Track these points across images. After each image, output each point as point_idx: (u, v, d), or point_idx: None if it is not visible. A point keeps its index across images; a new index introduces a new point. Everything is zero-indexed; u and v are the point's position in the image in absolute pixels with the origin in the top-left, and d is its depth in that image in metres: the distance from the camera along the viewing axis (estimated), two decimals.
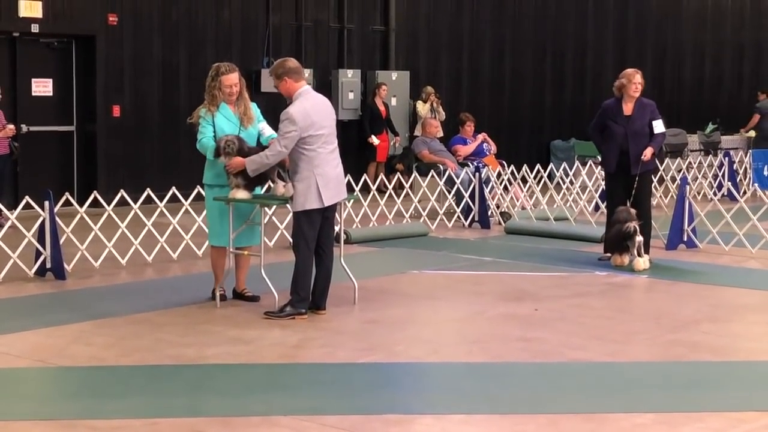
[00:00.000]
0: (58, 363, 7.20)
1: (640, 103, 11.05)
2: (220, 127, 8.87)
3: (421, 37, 19.81)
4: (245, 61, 17.27)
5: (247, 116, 8.96)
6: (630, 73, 11.08)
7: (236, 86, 8.94)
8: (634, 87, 10.97)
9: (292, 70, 8.54)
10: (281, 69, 8.52)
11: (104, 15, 15.70)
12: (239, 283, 9.22)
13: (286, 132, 8.31)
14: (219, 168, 8.84)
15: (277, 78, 8.51)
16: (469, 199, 14.29)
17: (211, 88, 8.94)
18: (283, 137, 8.34)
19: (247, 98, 9.04)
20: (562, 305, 9.19)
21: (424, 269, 10.98)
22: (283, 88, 8.53)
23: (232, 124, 8.92)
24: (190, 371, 7.07)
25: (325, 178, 8.44)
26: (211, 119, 8.90)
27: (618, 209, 10.91)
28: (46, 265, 10.19)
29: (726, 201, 15.25)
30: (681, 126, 21.46)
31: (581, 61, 22.33)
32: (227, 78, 8.91)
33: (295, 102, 8.45)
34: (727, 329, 8.50)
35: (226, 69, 8.99)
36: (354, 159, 18.32)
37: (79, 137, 15.89)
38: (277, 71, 8.52)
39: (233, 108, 8.99)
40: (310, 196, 8.38)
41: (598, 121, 11.20)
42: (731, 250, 12.03)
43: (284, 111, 8.39)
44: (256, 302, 9.02)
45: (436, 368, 7.29)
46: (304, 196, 8.39)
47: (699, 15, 24.55)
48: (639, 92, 11.01)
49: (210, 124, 8.89)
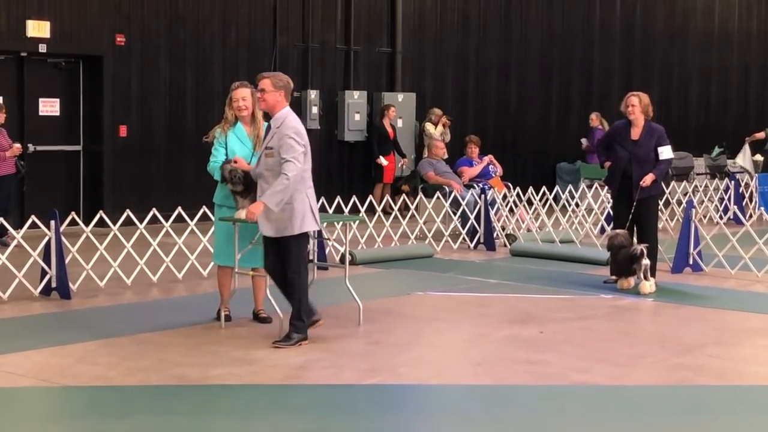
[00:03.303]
0: (62, 383, 7.20)
1: (649, 128, 11.04)
2: (232, 148, 8.85)
3: (427, 59, 19.86)
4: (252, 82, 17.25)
5: (259, 138, 8.89)
6: (627, 95, 11.14)
7: (245, 101, 8.92)
8: (627, 109, 10.99)
9: (289, 87, 8.37)
10: (283, 81, 8.32)
11: (112, 35, 15.76)
12: (257, 304, 9.21)
13: (297, 147, 8.09)
14: (223, 192, 8.88)
15: (275, 87, 8.24)
16: (474, 220, 14.29)
17: (225, 105, 9.03)
18: (296, 154, 8.06)
19: (260, 119, 8.98)
20: (568, 328, 9.17)
21: (429, 291, 10.97)
22: (273, 100, 8.24)
23: (245, 146, 8.89)
24: (194, 392, 7.06)
25: (313, 199, 8.34)
26: (224, 140, 8.91)
27: (612, 234, 10.94)
28: (51, 284, 10.20)
29: (732, 224, 15.22)
30: (687, 149, 21.45)
31: (587, 84, 22.37)
32: (236, 92, 8.97)
33: (289, 117, 8.22)
34: (733, 353, 8.48)
35: (237, 84, 9.10)
36: (360, 180, 18.37)
37: (85, 157, 15.92)
38: (281, 82, 8.30)
39: (248, 129, 8.97)
40: (307, 217, 8.23)
41: (605, 139, 11.40)
42: (737, 273, 12.01)
43: (282, 126, 8.15)
44: (267, 323, 8.99)
45: (440, 390, 7.27)
46: (300, 218, 8.20)
47: (705, 38, 24.59)
48: (635, 114, 10.98)
49: (222, 145, 8.90)
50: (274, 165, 8.12)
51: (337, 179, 18.35)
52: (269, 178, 8.14)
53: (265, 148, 8.25)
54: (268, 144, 8.24)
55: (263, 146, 8.33)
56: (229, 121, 8.98)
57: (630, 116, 10.99)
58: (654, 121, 11.23)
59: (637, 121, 11.00)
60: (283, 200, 8.05)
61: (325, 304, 9.76)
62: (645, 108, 11.02)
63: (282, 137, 8.11)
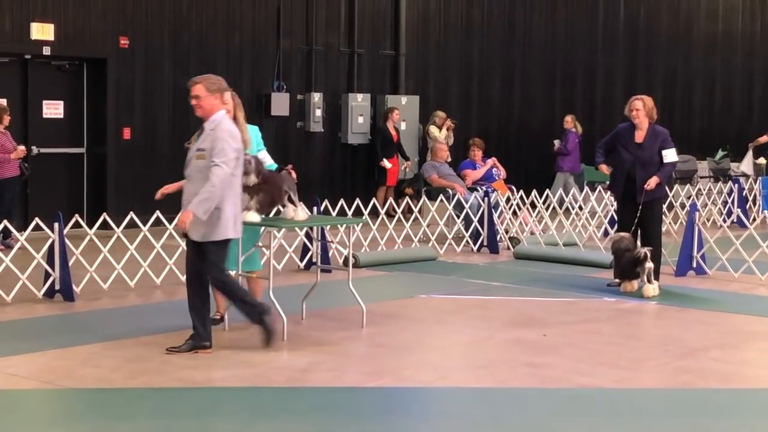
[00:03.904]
0: (66, 385, 7.20)
1: (653, 131, 11.03)
2: None
3: (431, 62, 19.87)
4: (256, 84, 17.36)
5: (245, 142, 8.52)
6: (631, 99, 11.11)
7: (226, 104, 8.49)
8: (632, 113, 10.98)
9: (223, 87, 8.09)
10: (216, 84, 8.01)
11: (116, 38, 15.78)
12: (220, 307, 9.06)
13: (229, 152, 7.82)
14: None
15: (209, 91, 7.94)
16: (478, 223, 14.29)
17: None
18: (227, 159, 7.80)
19: (242, 122, 8.68)
20: (571, 331, 9.17)
21: (432, 294, 10.97)
22: (209, 104, 7.94)
23: None
24: (197, 394, 7.06)
25: (239, 208, 8.09)
26: None
27: (617, 237, 10.95)
28: (55, 286, 10.20)
29: (735, 228, 15.23)
30: (691, 152, 21.43)
31: (591, 87, 22.36)
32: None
33: (224, 121, 7.95)
34: (736, 356, 8.47)
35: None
36: (363, 183, 18.38)
37: (89, 159, 15.94)
38: (214, 85, 7.99)
39: None
40: (230, 224, 7.93)
41: (609, 140, 11.25)
42: (740, 277, 12.00)
43: (216, 129, 7.87)
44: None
45: (443, 393, 7.27)
46: (225, 225, 7.90)
47: (709, 41, 24.57)
48: (639, 118, 10.97)
49: None
50: (205, 168, 7.85)
51: (341, 182, 18.37)
52: (197, 181, 7.87)
53: (197, 150, 7.97)
54: (200, 146, 7.96)
55: (194, 148, 8.02)
56: None
57: (635, 120, 10.98)
58: (659, 124, 11.23)
59: (641, 124, 10.99)
60: (210, 208, 7.79)
61: (329, 307, 9.80)
62: (649, 111, 11.01)
63: (215, 140, 7.85)
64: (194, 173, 7.98)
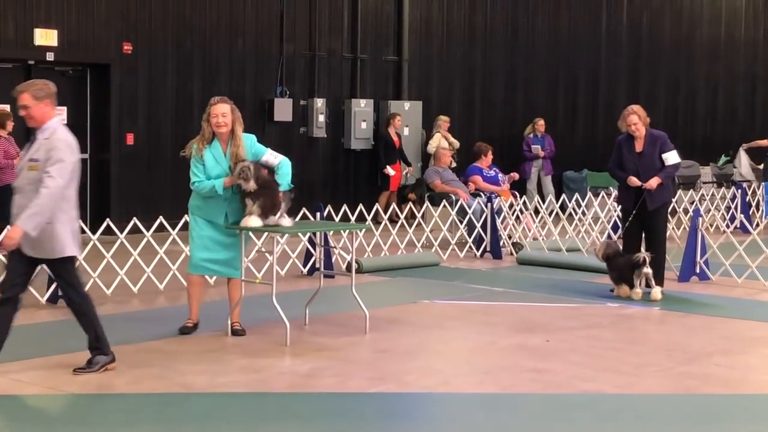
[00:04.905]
0: (68, 390, 7.21)
1: (651, 137, 11.04)
2: (209, 167, 8.65)
3: (434, 68, 19.88)
4: (259, 90, 17.37)
5: (238, 157, 8.60)
6: (624, 114, 11.04)
7: (225, 117, 8.60)
8: (630, 127, 10.94)
9: (54, 94, 7.53)
10: (44, 90, 7.43)
11: (119, 44, 15.80)
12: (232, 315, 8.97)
13: (65, 164, 7.22)
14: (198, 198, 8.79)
15: (37, 99, 7.35)
16: (480, 229, 14.29)
17: (203, 120, 8.76)
18: (61, 171, 7.19)
19: (239, 137, 8.66)
20: (574, 336, 9.17)
21: (435, 299, 10.97)
22: (39, 112, 7.35)
23: (220, 166, 8.65)
24: (200, 400, 7.07)
25: (75, 223, 7.50)
26: (202, 158, 8.66)
27: (604, 244, 11.14)
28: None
29: (739, 233, 15.21)
30: (694, 158, 21.41)
31: (594, 93, 22.37)
32: (215, 107, 8.64)
33: (59, 130, 7.38)
34: (740, 362, 8.46)
35: (216, 99, 8.74)
36: (366, 188, 18.37)
37: (92, 165, 15.94)
38: (42, 92, 7.40)
39: (224, 146, 8.69)
40: (68, 241, 7.40)
41: (616, 157, 11.16)
42: (744, 282, 11.99)
43: (51, 138, 7.29)
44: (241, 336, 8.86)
45: (446, 399, 7.27)
46: (61, 242, 7.35)
47: (712, 47, 24.57)
48: (638, 131, 10.96)
49: (201, 162, 8.67)
50: (37, 180, 7.24)
51: (344, 187, 18.37)
52: (29, 194, 7.25)
53: (30, 160, 7.35)
54: (33, 156, 7.34)
55: (27, 158, 7.39)
56: (206, 138, 8.68)
57: (634, 133, 10.99)
58: (656, 128, 11.24)
59: (640, 135, 11.01)
60: (40, 223, 7.18)
61: (332, 312, 9.80)
62: (644, 120, 11.02)
63: (51, 149, 7.27)
64: (25, 185, 7.35)
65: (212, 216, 8.80)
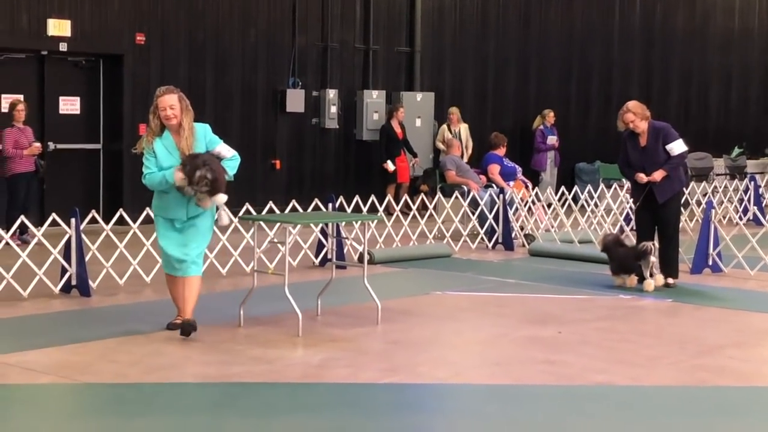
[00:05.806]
0: (82, 380, 7.23)
1: (653, 130, 10.99)
2: (161, 158, 8.38)
3: (446, 59, 19.85)
4: (271, 81, 17.37)
5: (189, 147, 8.32)
6: (620, 113, 11.00)
7: (173, 109, 8.27)
8: (629, 125, 10.92)
9: None
10: None
11: (132, 34, 15.81)
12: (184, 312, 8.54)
13: None
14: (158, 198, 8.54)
15: None
16: (492, 220, 14.28)
17: (150, 112, 8.40)
18: None
19: (189, 127, 8.37)
20: (586, 328, 9.16)
21: (447, 290, 10.96)
22: None
23: (173, 156, 8.33)
24: (212, 390, 7.08)
25: None
26: (152, 150, 8.36)
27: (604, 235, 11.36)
28: (71, 282, 10.24)
29: (752, 225, 15.16)
30: (707, 150, 21.37)
31: (607, 84, 22.30)
32: (162, 99, 8.30)
33: None
34: (753, 354, 8.45)
35: (163, 90, 8.40)
36: (378, 179, 18.36)
37: (105, 155, 15.98)
38: None
39: (176, 137, 8.37)
40: None
41: (624, 154, 11.15)
42: (757, 274, 11.96)
43: None
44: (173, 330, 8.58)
45: (458, 390, 7.27)
46: None
47: (725, 38, 24.49)
48: (638, 127, 10.92)
49: (153, 155, 8.36)
50: None
51: (355, 179, 18.36)
52: None
53: None
54: None
55: None
56: (154, 132, 8.37)
57: (635, 130, 10.97)
58: (669, 120, 11.20)
59: (641, 129, 10.97)
60: None
61: (344, 303, 9.81)
62: (642, 113, 10.96)
63: None
64: None
65: (173, 213, 8.49)
